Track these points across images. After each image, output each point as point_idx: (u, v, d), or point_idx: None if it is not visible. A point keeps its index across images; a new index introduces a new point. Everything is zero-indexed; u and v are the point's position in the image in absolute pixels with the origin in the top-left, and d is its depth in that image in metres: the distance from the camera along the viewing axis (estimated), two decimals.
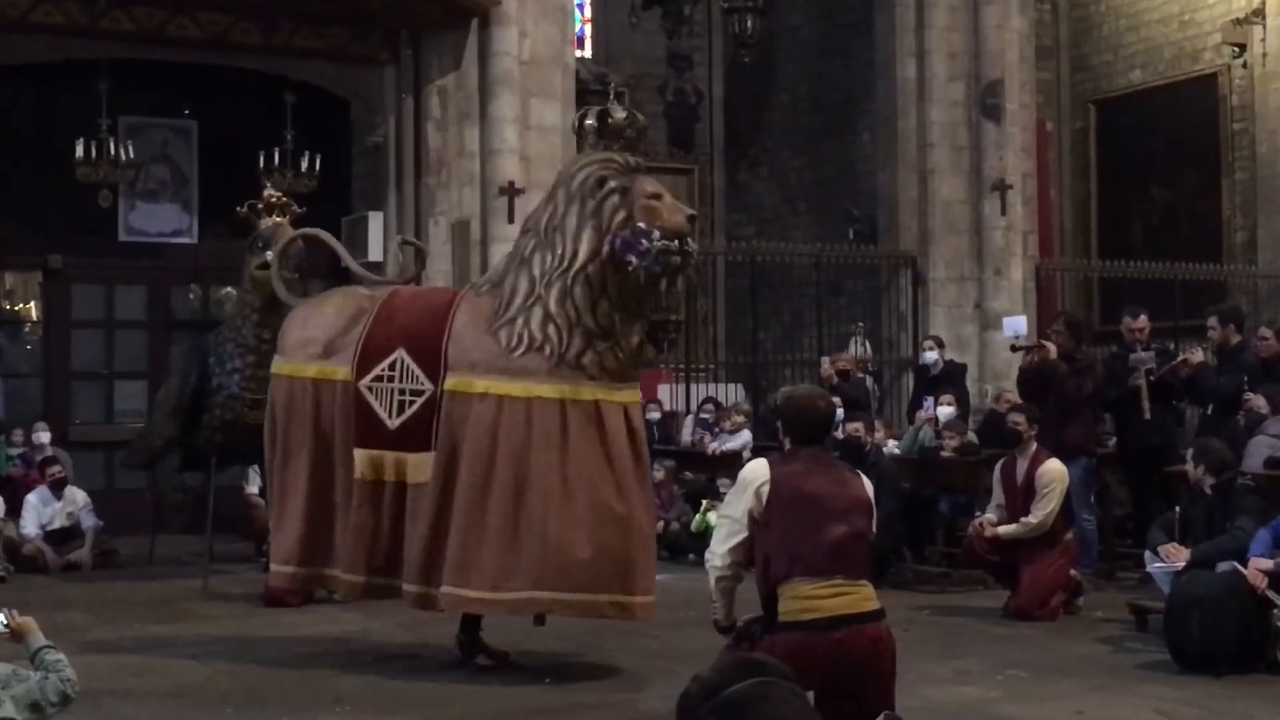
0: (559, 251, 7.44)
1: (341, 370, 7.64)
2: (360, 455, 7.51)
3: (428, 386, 7.46)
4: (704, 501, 12.85)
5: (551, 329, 7.39)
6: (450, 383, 7.42)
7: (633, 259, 7.32)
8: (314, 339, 7.83)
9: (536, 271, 7.49)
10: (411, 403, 7.46)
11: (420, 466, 7.41)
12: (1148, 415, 10.74)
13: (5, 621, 4.50)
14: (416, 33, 14.66)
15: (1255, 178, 16.54)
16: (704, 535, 11.35)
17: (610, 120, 7.77)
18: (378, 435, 7.50)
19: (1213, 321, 10.76)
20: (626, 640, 8.36)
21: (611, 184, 7.45)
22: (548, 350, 7.37)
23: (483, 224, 14.32)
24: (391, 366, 7.53)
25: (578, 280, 7.40)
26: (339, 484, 7.63)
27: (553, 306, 7.40)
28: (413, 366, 7.50)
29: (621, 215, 7.40)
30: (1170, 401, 11.18)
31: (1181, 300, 15.43)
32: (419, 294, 8.46)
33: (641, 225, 7.33)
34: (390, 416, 7.48)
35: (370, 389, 7.53)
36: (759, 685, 2.60)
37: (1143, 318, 11.20)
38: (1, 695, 4.32)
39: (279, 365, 8.03)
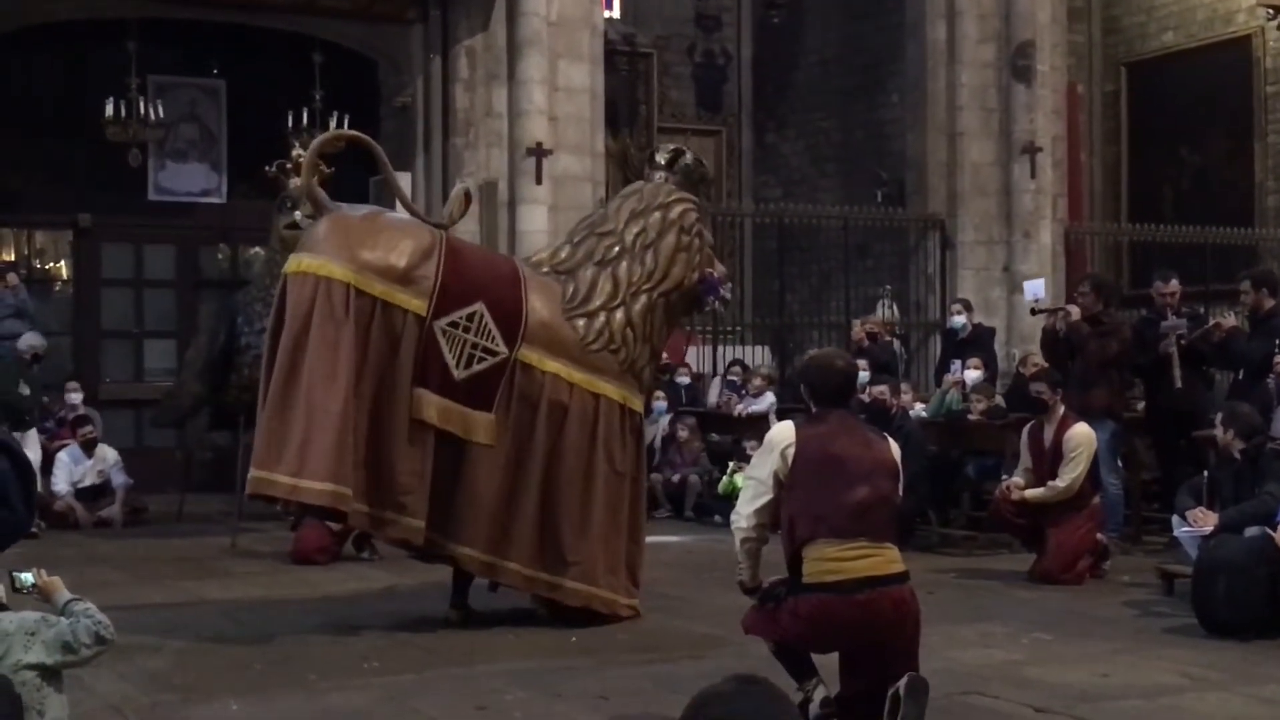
0: (649, 268, 8.00)
1: (416, 302, 7.34)
2: (426, 397, 7.34)
3: (503, 350, 7.51)
4: (730, 464, 12.89)
5: (630, 335, 7.88)
6: (524, 354, 7.56)
7: (714, 299, 8.43)
8: (389, 259, 7.35)
9: (623, 277, 7.94)
10: (482, 360, 7.47)
11: (486, 427, 7.47)
12: (1179, 384, 10.68)
13: (33, 580, 4.55)
14: None
15: None
16: (730, 497, 11.38)
17: (681, 162, 8.44)
18: (441, 382, 7.38)
19: (1245, 286, 10.68)
20: (650, 601, 8.38)
21: (699, 227, 8.24)
22: (622, 355, 7.86)
23: (510, 185, 14.31)
24: (470, 318, 7.45)
25: (661, 300, 8.04)
26: (380, 418, 7.29)
27: (635, 316, 7.93)
28: (491, 325, 7.49)
29: (706, 256, 8.26)
30: (1201, 367, 11.12)
31: (1212, 264, 15.33)
32: (478, 250, 8.71)
33: (714, 271, 8.29)
34: (457, 366, 7.41)
35: (444, 333, 7.39)
36: (744, 686, 2.68)
37: (1174, 282, 11.12)
38: (30, 641, 4.37)
39: (318, 264, 7.24)
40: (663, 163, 8.45)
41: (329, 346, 7.12)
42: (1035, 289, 11.92)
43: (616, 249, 8.00)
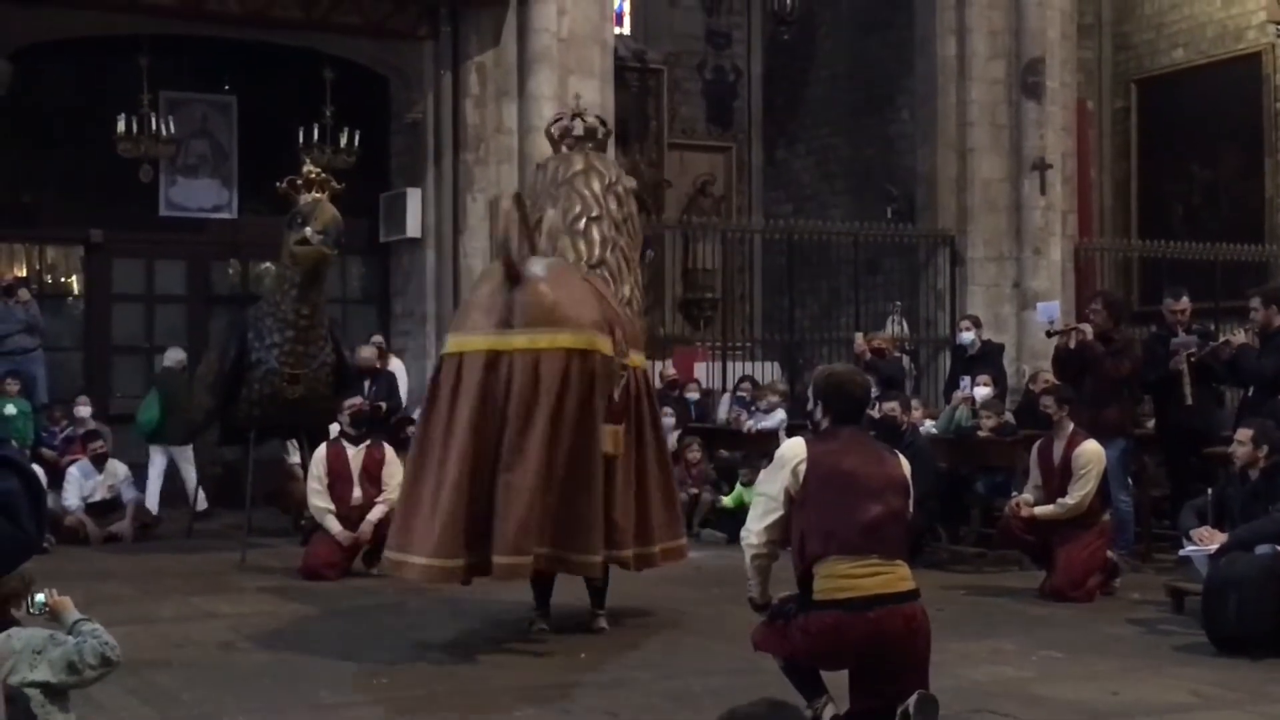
0: (633, 240, 8.40)
1: (607, 344, 7.64)
2: (610, 431, 7.65)
3: (622, 361, 7.83)
4: (741, 474, 12.78)
5: (641, 303, 8.44)
6: (630, 359, 7.93)
7: (650, 252, 9.15)
8: (598, 313, 7.66)
9: (628, 253, 8.32)
10: (621, 377, 7.81)
11: (619, 438, 7.78)
12: (1189, 400, 10.66)
13: (44, 600, 4.56)
14: (455, 9, 14.68)
15: None
16: (738, 510, 11.38)
17: (603, 130, 8.81)
18: (608, 410, 7.67)
19: (1255, 303, 10.63)
20: (659, 617, 8.40)
21: None
22: (641, 325, 8.37)
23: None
24: (614, 344, 7.75)
25: (640, 265, 8.55)
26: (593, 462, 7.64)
27: (639, 286, 8.42)
28: (622, 343, 7.81)
29: None
30: (1211, 384, 11.09)
31: (1222, 281, 15.32)
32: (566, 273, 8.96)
33: None
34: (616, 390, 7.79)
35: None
36: (775, 710, 2.68)
37: (1184, 299, 11.11)
38: (37, 659, 4.38)
39: (586, 338, 7.42)
40: (601, 134, 8.70)
41: (586, 413, 7.43)
42: (1050, 311, 11.91)
43: (613, 230, 8.21)
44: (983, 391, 12.14)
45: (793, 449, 5.64)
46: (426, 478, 7.27)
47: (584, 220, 8.18)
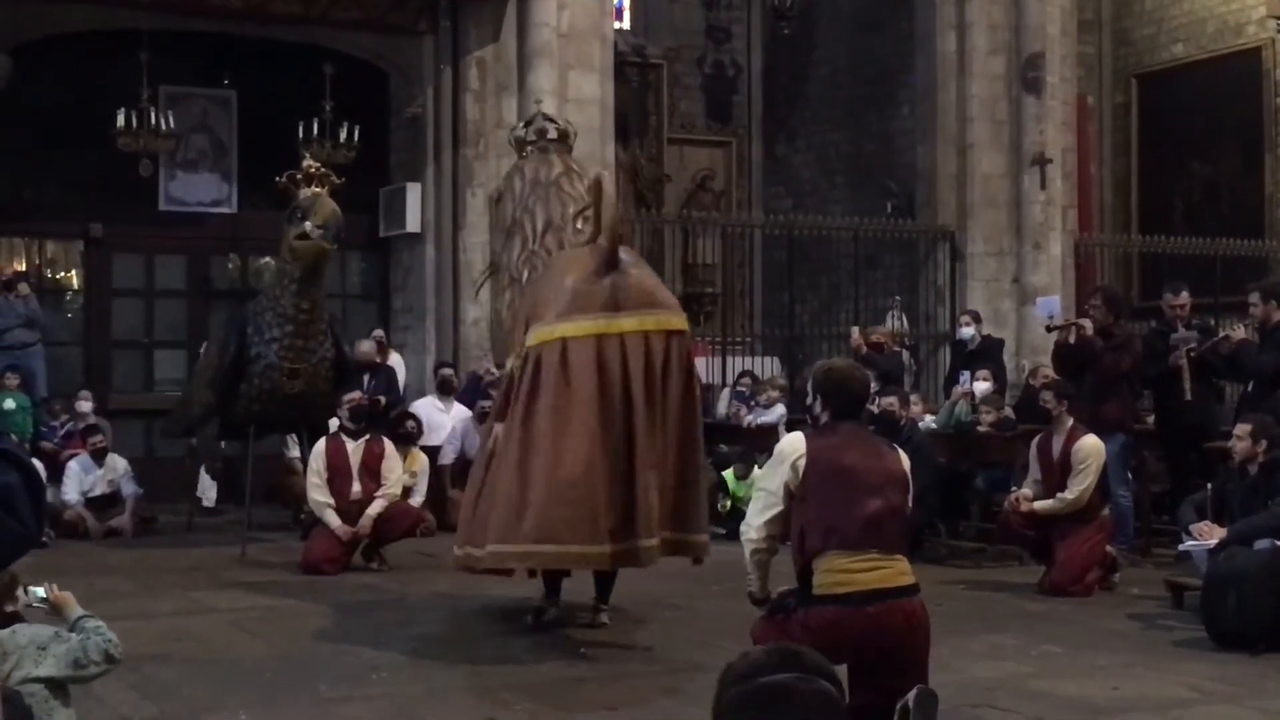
0: None
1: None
2: None
3: None
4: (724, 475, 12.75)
5: None
6: None
7: None
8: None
9: None
10: None
11: None
12: (1189, 396, 10.67)
13: (45, 595, 4.57)
14: (455, 4, 14.68)
15: None
16: (732, 515, 11.42)
17: (570, 134, 8.91)
18: None
19: (1254, 298, 10.65)
20: (659, 612, 8.40)
21: None
22: None
23: None
24: None
25: None
26: None
27: None
28: None
29: None
30: (1210, 379, 11.10)
31: (1222, 276, 15.32)
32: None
33: None
34: None
35: None
36: (795, 680, 2.55)
37: (1184, 294, 11.13)
38: (41, 655, 4.39)
39: (681, 318, 7.63)
40: (571, 138, 8.80)
41: (696, 395, 7.73)
42: (1050, 305, 11.92)
43: None
44: (982, 387, 12.16)
45: (792, 444, 5.63)
46: (541, 464, 7.03)
47: (581, 220, 8.23)
